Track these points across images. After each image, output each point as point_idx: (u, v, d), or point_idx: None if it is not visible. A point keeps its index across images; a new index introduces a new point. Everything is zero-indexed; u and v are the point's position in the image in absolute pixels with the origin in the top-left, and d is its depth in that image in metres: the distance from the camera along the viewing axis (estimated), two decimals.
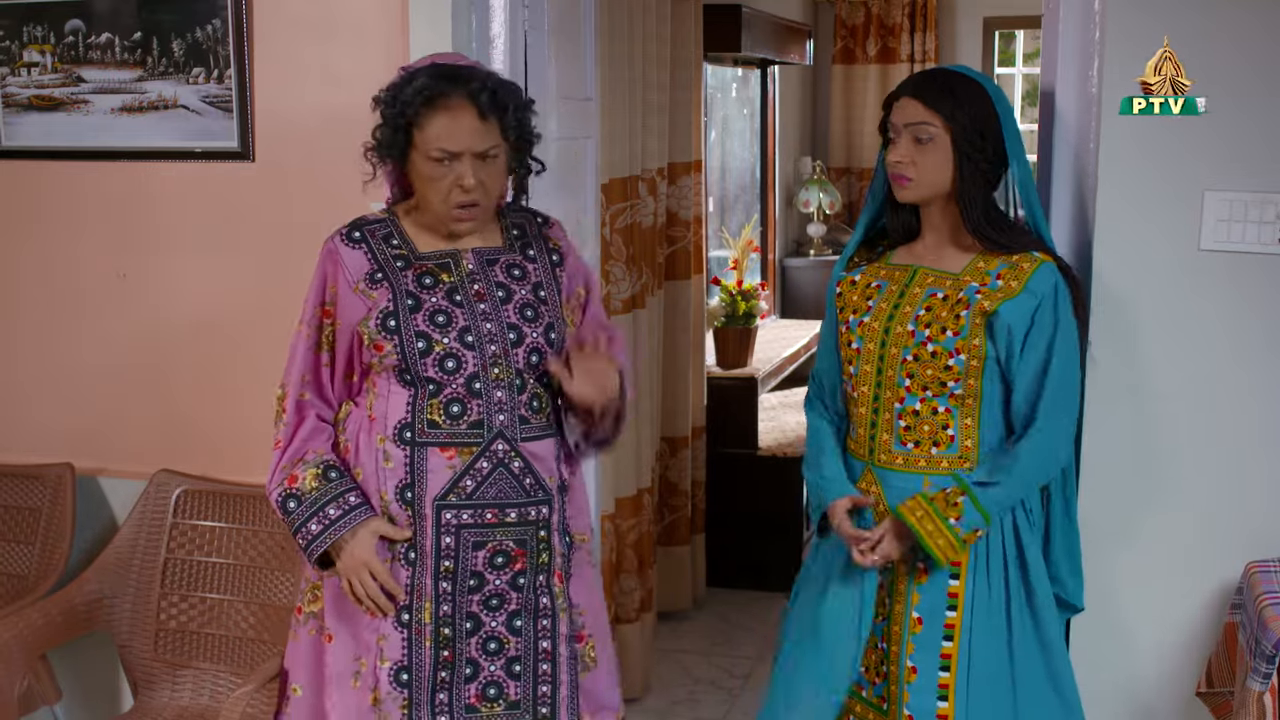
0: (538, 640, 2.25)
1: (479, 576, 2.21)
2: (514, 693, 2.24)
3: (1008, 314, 2.15)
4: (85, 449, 3.13)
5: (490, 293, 2.21)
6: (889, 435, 2.23)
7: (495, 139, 2.14)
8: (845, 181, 7.19)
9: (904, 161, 2.20)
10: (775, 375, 5.15)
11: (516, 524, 2.21)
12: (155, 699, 2.92)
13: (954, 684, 2.20)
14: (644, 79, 3.79)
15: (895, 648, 2.24)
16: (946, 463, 2.20)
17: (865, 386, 2.26)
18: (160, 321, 3.07)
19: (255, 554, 2.94)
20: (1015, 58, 7.60)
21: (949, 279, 2.22)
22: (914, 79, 2.25)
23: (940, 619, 2.21)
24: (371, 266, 2.21)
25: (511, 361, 2.19)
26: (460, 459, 2.18)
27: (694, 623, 4.40)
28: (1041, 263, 2.18)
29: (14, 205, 3.14)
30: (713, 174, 5.38)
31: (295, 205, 2.92)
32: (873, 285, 2.29)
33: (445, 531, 2.19)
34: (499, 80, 2.18)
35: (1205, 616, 2.51)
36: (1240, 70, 2.37)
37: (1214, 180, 2.41)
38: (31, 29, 3.04)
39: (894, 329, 2.22)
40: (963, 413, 2.20)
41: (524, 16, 2.81)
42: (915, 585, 2.21)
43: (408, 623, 2.22)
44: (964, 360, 2.16)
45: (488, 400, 2.18)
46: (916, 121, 2.18)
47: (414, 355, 2.16)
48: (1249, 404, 2.45)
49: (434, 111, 2.11)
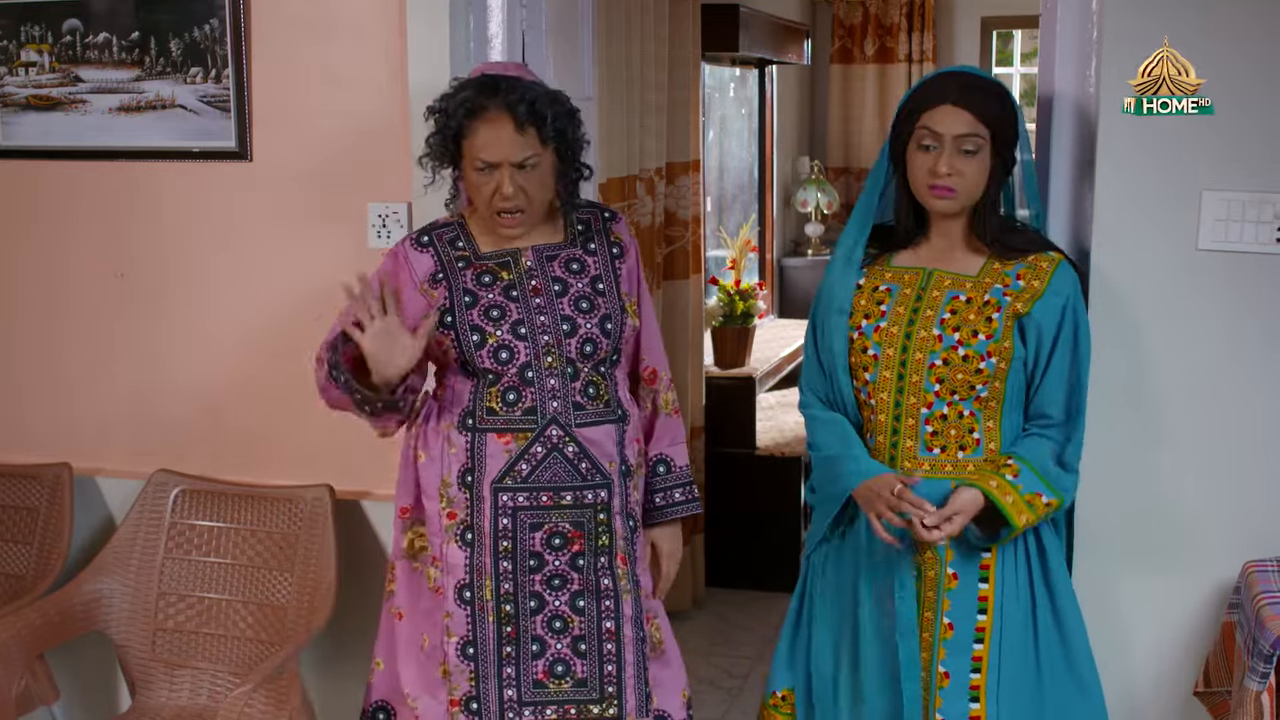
0: (601, 620, 2.34)
1: (538, 557, 2.32)
2: (581, 671, 2.34)
3: (1040, 315, 2.16)
4: (83, 449, 3.13)
5: (546, 287, 2.32)
6: (913, 441, 2.21)
7: (534, 148, 2.22)
8: (843, 181, 7.19)
9: (952, 174, 2.14)
10: (773, 375, 5.15)
11: (572, 506, 2.31)
12: (153, 699, 2.92)
13: (985, 685, 2.21)
14: (642, 79, 3.79)
15: (926, 654, 2.23)
16: (973, 466, 2.19)
17: (885, 393, 2.22)
18: (158, 321, 3.07)
19: (253, 554, 2.94)
20: (1013, 57, 7.61)
21: (968, 281, 2.21)
22: (953, 86, 2.14)
23: (971, 623, 2.21)
24: (435, 268, 2.33)
25: (564, 350, 2.29)
26: (516, 444, 2.30)
27: (693, 622, 4.40)
28: (1059, 262, 2.19)
29: (12, 205, 3.13)
30: (711, 174, 5.38)
31: (293, 205, 2.91)
32: (881, 289, 2.26)
33: (502, 513, 2.30)
34: (541, 90, 2.25)
35: (1203, 616, 2.51)
36: (1238, 69, 2.37)
37: (1212, 180, 2.41)
38: (29, 28, 3.04)
39: (916, 334, 2.20)
40: (986, 415, 2.20)
41: (521, 17, 2.81)
42: (946, 591, 2.21)
43: (470, 600, 2.33)
44: (994, 363, 2.16)
45: (540, 388, 2.29)
46: (966, 133, 2.12)
47: (470, 347, 2.29)
48: (1246, 403, 2.45)
49: (476, 123, 2.21)
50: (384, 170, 2.80)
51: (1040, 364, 2.18)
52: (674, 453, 2.50)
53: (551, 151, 2.26)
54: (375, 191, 2.73)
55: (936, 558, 2.21)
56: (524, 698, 2.34)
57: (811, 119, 7.33)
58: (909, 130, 2.18)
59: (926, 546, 2.21)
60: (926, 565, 2.22)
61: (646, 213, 3.90)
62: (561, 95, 2.30)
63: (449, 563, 2.34)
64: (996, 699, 2.21)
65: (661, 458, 2.49)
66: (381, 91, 2.79)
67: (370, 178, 2.82)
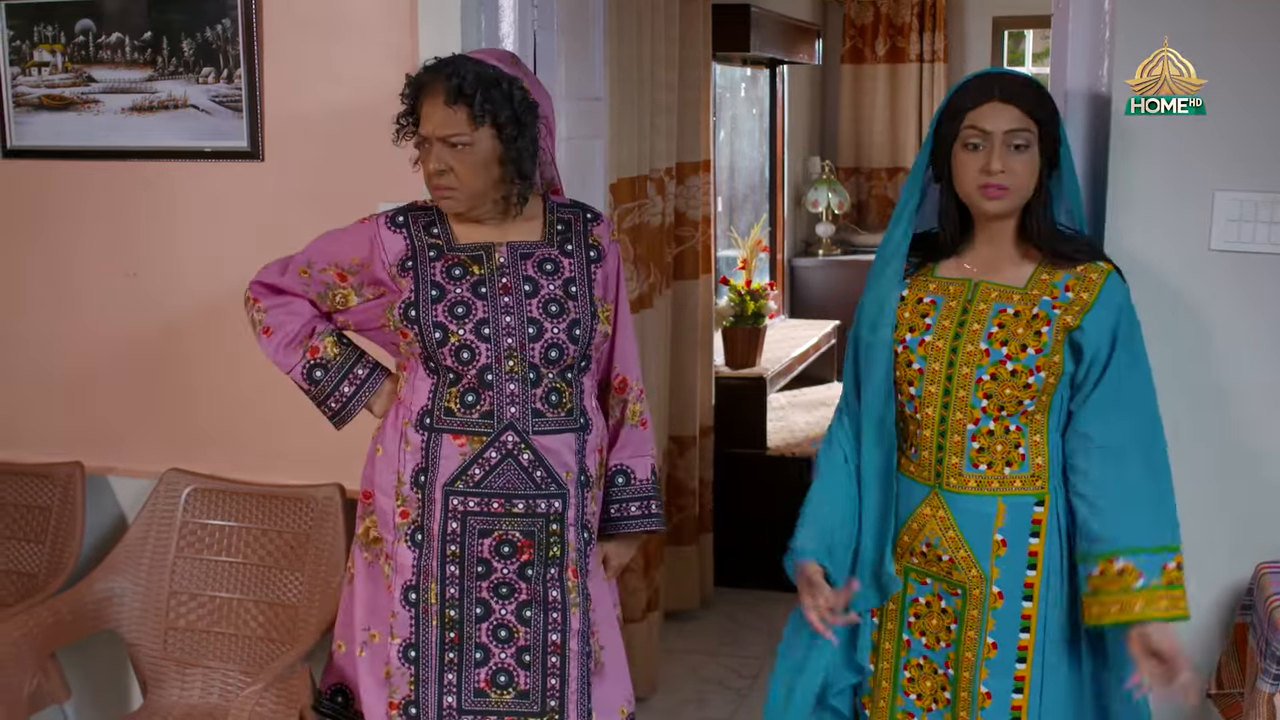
0: (547, 632, 2.28)
1: (486, 564, 2.27)
2: (524, 682, 2.28)
3: (1091, 328, 2.07)
4: (95, 448, 3.14)
5: (517, 286, 2.26)
6: (959, 458, 2.14)
7: (461, 126, 2.18)
8: (854, 181, 7.18)
9: (1005, 171, 2.07)
10: (784, 375, 5.15)
11: (524, 515, 2.25)
12: (164, 698, 2.93)
13: (1026, 705, 2.14)
14: (653, 79, 3.79)
15: (966, 674, 2.16)
16: (1020, 482, 2.12)
17: (930, 409, 2.15)
18: (170, 321, 3.08)
19: (264, 553, 2.95)
20: (1025, 57, 7.59)
21: (1016, 293, 2.12)
22: (996, 83, 2.10)
23: (1014, 641, 2.14)
24: (406, 253, 2.29)
25: (527, 355, 2.23)
26: (471, 447, 2.25)
27: (701, 622, 4.40)
28: (1109, 273, 2.10)
29: (24, 204, 3.14)
30: (721, 174, 5.38)
31: (305, 204, 2.92)
32: (925, 301, 2.18)
33: (452, 517, 2.25)
34: (480, 69, 2.19)
35: (1215, 618, 2.50)
36: (1250, 70, 2.37)
37: (1224, 180, 2.40)
38: (42, 29, 3.05)
39: (963, 348, 2.12)
40: (1032, 429, 2.12)
41: (533, 17, 2.82)
42: (991, 611, 2.14)
43: (415, 602, 2.29)
44: (1043, 378, 2.08)
45: (499, 392, 2.23)
46: (1016, 128, 2.06)
47: (432, 344, 2.24)
48: (1259, 404, 2.44)
49: (421, 97, 2.22)
50: (395, 170, 2.80)
51: (1091, 381, 2.09)
52: (636, 465, 2.42)
53: (490, 136, 2.19)
54: (386, 191, 2.73)
55: (982, 576, 2.14)
56: (464, 705, 2.28)
57: (822, 119, 7.32)
58: (953, 132, 2.10)
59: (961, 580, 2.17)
60: (972, 584, 2.15)
61: (656, 213, 3.90)
62: (507, 79, 2.21)
63: (398, 562, 2.30)
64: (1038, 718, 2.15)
65: (621, 468, 2.41)
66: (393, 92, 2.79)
67: (381, 177, 2.82)
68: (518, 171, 2.25)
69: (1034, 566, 2.14)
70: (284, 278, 2.40)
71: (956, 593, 2.17)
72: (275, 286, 2.41)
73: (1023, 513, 2.13)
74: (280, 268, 2.41)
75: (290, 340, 2.37)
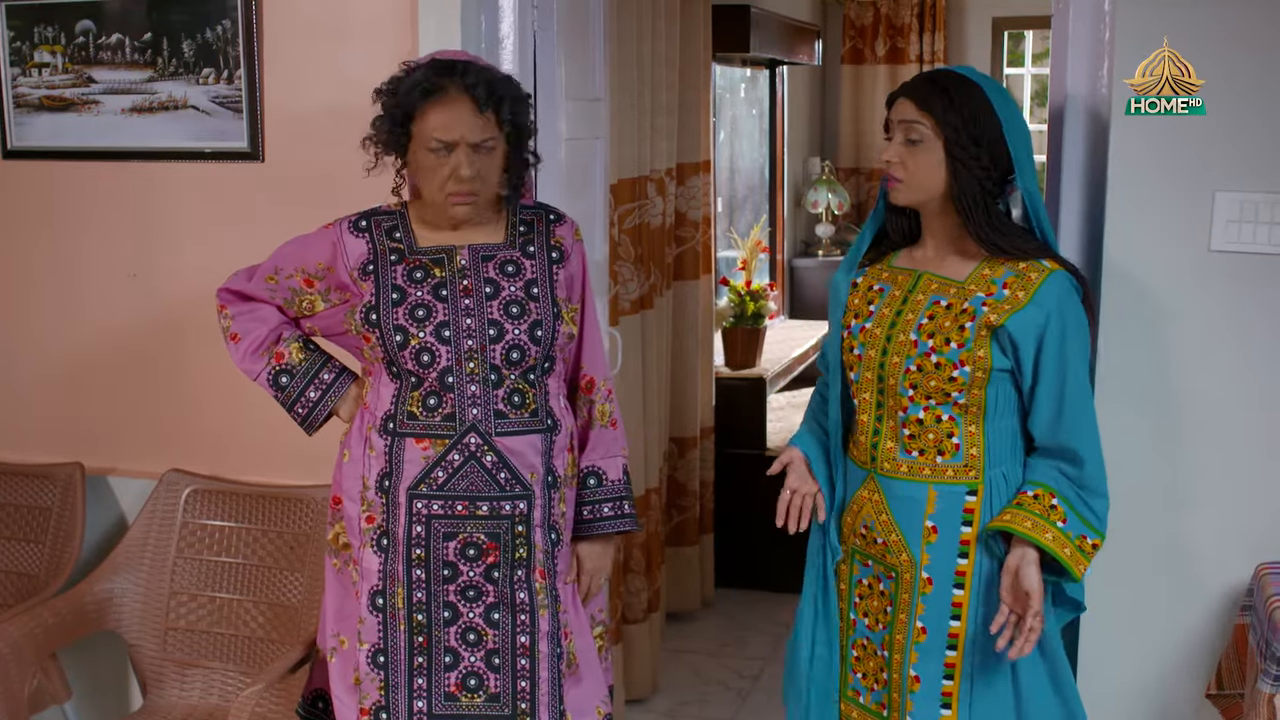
0: (515, 635, 2.28)
1: (452, 567, 2.27)
2: (494, 685, 2.28)
3: (1015, 328, 2.09)
4: (95, 448, 3.14)
5: (478, 288, 2.26)
6: (893, 443, 2.20)
7: (491, 131, 2.19)
8: (854, 182, 7.19)
9: (894, 161, 2.16)
10: (784, 375, 5.15)
11: (488, 517, 2.25)
12: (164, 698, 2.93)
13: (957, 691, 2.18)
14: (653, 79, 3.79)
15: (898, 656, 2.21)
16: (952, 471, 2.17)
17: (867, 394, 2.22)
18: (170, 321, 3.08)
19: (265, 553, 2.95)
20: (1024, 58, 7.59)
21: (953, 286, 2.17)
22: (913, 79, 2.21)
23: (944, 628, 2.18)
24: (367, 257, 2.29)
25: (488, 357, 2.23)
26: (434, 450, 2.24)
27: (702, 623, 4.40)
28: (1050, 273, 2.11)
29: (25, 205, 3.15)
30: (721, 174, 5.38)
31: (305, 206, 2.91)
32: (874, 289, 2.25)
33: (416, 520, 2.26)
34: (495, 74, 2.23)
35: (1215, 618, 2.50)
36: (1251, 70, 2.37)
37: (1224, 181, 2.40)
38: (42, 30, 3.05)
39: (896, 337, 2.18)
40: (967, 420, 2.15)
41: (533, 17, 2.82)
42: (920, 595, 2.18)
43: (382, 607, 2.28)
44: (969, 371, 2.12)
45: (460, 394, 2.23)
46: (909, 120, 2.13)
47: (393, 348, 2.24)
48: (1259, 405, 2.44)
49: (430, 103, 2.18)
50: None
51: (1027, 380, 2.13)
52: (607, 466, 2.41)
53: (504, 139, 2.22)
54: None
55: (912, 560, 2.18)
56: (434, 710, 2.27)
57: (822, 119, 7.33)
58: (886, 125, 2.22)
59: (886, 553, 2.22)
60: (903, 568, 2.19)
61: (657, 213, 3.90)
62: (513, 81, 2.26)
63: (364, 568, 2.29)
64: (969, 706, 2.18)
65: (593, 469, 2.40)
66: None
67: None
68: (520, 175, 2.29)
69: (965, 555, 2.18)
70: (251, 284, 2.41)
71: (891, 575, 2.22)
72: (243, 293, 2.42)
73: (954, 501, 2.17)
74: (248, 274, 2.42)
75: (257, 347, 2.39)
